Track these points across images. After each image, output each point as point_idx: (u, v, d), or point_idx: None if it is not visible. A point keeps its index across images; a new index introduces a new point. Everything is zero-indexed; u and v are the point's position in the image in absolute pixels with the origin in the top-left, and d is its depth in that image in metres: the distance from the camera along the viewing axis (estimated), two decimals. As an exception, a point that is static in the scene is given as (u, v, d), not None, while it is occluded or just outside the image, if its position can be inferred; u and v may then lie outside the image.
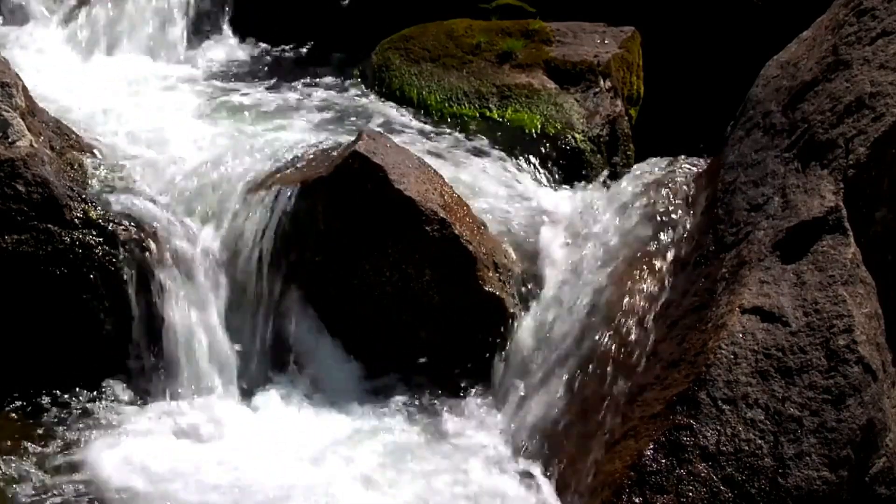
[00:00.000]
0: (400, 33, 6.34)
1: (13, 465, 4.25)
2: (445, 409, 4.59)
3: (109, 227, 4.68)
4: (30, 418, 4.51)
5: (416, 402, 4.61)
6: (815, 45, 4.50)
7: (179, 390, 4.65)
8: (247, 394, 4.69)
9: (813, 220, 4.02)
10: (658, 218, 4.70)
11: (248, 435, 4.46)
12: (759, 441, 3.73)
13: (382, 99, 6.09)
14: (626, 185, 5.09)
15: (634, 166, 5.31)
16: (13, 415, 4.52)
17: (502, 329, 4.69)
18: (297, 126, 5.71)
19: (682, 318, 4.16)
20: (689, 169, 4.93)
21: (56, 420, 4.50)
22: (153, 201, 4.83)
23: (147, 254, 4.70)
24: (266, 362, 4.77)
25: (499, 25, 6.35)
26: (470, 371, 4.67)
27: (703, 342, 3.92)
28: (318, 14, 6.93)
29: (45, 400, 4.57)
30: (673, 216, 4.67)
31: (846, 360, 3.79)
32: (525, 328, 4.67)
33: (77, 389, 4.62)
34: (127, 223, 4.72)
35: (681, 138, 5.58)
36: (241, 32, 6.94)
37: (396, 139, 5.18)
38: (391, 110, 5.97)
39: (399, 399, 4.62)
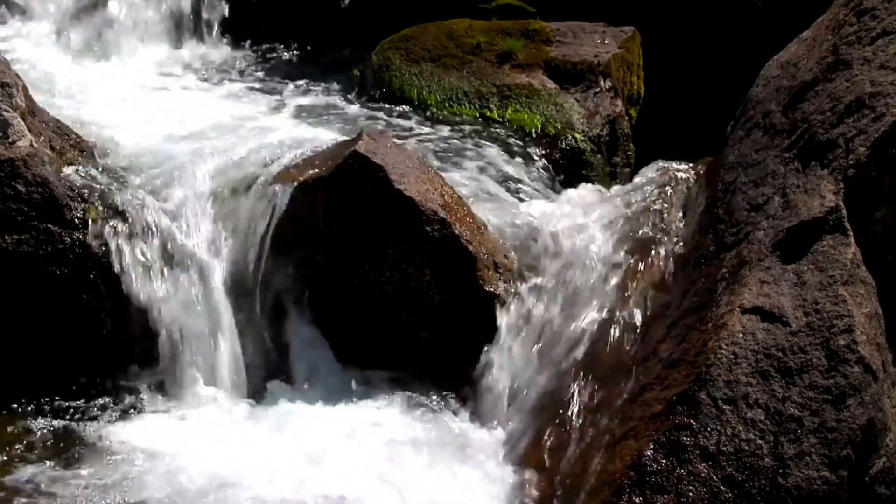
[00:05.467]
0: (400, 33, 6.35)
1: (15, 459, 4.27)
2: (445, 408, 4.59)
3: (109, 227, 4.68)
4: (31, 417, 4.51)
5: (416, 403, 4.61)
6: (815, 45, 4.50)
7: (179, 389, 4.66)
8: (246, 392, 4.70)
9: (813, 220, 4.01)
10: (658, 218, 4.71)
11: (247, 433, 4.46)
12: (760, 441, 3.73)
13: (382, 99, 6.10)
14: (627, 185, 5.09)
15: (634, 166, 5.31)
16: (14, 414, 4.52)
17: (502, 329, 4.69)
18: (297, 126, 5.71)
19: (682, 318, 4.16)
20: (689, 169, 4.93)
21: (56, 419, 4.50)
22: (154, 201, 4.83)
23: (146, 254, 4.70)
24: (265, 361, 4.77)
25: (499, 25, 6.36)
26: (470, 371, 4.66)
27: (704, 342, 3.91)
28: (318, 14, 6.93)
29: (46, 399, 4.57)
30: (673, 216, 4.67)
31: (846, 360, 3.79)
32: (525, 328, 4.67)
33: (77, 389, 4.62)
34: (127, 223, 4.72)
35: (681, 138, 5.59)
36: (240, 32, 6.95)
37: (396, 139, 5.18)
38: (391, 110, 5.98)
39: (398, 399, 4.62)
